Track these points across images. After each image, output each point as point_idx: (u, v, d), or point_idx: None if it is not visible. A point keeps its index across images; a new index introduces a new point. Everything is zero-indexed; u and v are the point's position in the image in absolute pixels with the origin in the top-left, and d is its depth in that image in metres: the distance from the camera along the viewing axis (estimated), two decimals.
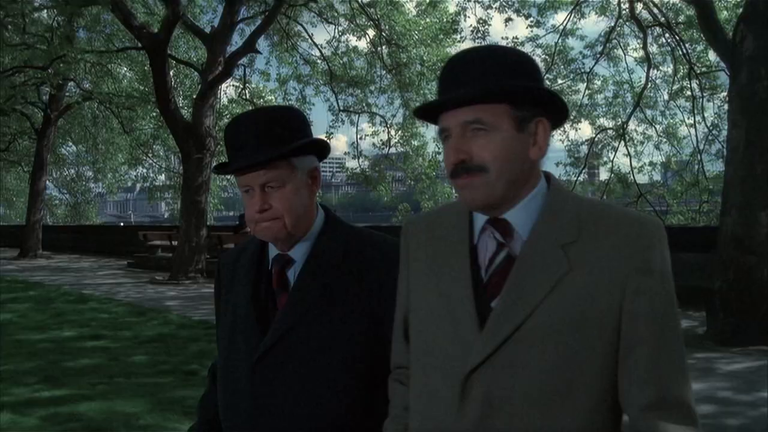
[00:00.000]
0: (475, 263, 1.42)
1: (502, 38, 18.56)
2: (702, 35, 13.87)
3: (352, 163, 23.88)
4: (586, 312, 1.30)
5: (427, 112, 1.45)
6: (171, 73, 19.23)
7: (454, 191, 1.49)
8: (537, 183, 1.42)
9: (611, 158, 18.98)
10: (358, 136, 22.25)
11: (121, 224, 40.01)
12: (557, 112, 1.43)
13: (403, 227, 1.65)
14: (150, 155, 31.23)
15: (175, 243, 21.10)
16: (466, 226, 1.47)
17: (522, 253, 1.37)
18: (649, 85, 18.33)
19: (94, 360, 7.96)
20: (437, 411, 1.39)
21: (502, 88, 1.34)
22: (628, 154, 18.65)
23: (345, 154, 23.57)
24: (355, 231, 1.87)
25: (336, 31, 20.51)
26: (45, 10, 24.11)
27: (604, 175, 21.29)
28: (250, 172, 1.71)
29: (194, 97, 22.70)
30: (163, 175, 34.37)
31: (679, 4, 16.45)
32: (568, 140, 20.32)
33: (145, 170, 33.87)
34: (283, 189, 1.74)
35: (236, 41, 19.72)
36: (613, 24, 17.89)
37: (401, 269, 1.61)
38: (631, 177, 18.44)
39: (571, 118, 20.03)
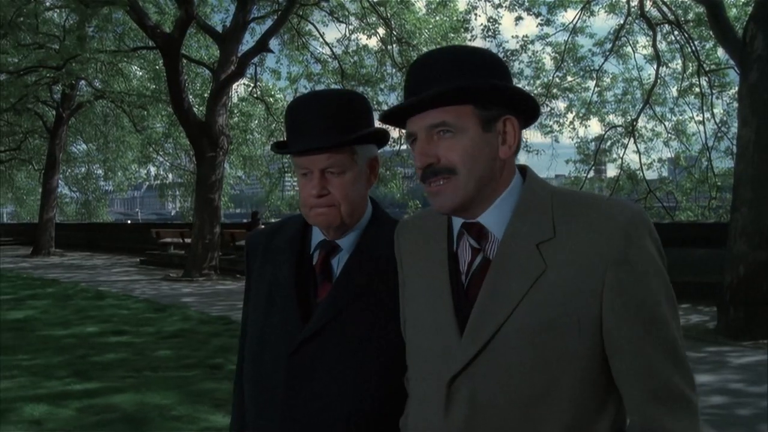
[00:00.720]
0: (456, 269, 1.41)
1: (513, 36, 18.72)
2: (711, 33, 13.96)
3: None
4: (565, 311, 1.27)
5: (395, 118, 1.44)
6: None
7: None
8: (510, 181, 1.40)
9: (621, 155, 19.12)
10: None
11: (128, 222, 40.20)
12: (527, 109, 1.41)
13: (396, 231, 1.65)
14: (161, 153, 31.44)
15: (187, 240, 21.36)
16: (444, 233, 1.47)
17: (496, 255, 1.36)
18: (658, 82, 18.42)
19: (120, 355, 8.16)
20: (427, 415, 1.40)
21: (461, 88, 1.32)
22: (638, 151, 18.80)
23: None
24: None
25: (346, 29, 20.69)
26: (54, 10, 24.40)
27: (612, 171, 21.47)
28: (313, 154, 1.67)
29: (205, 95, 22.98)
30: (171, 173, 34.59)
31: (689, 2, 16.54)
32: (578, 137, 20.50)
33: (155, 168, 34.13)
34: (343, 176, 1.71)
35: (247, 40, 19.93)
36: (622, 22, 18.00)
37: (399, 272, 1.61)
38: (641, 174, 18.57)
39: (581, 115, 20.19)
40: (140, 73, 27.75)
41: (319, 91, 1.79)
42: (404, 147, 22.84)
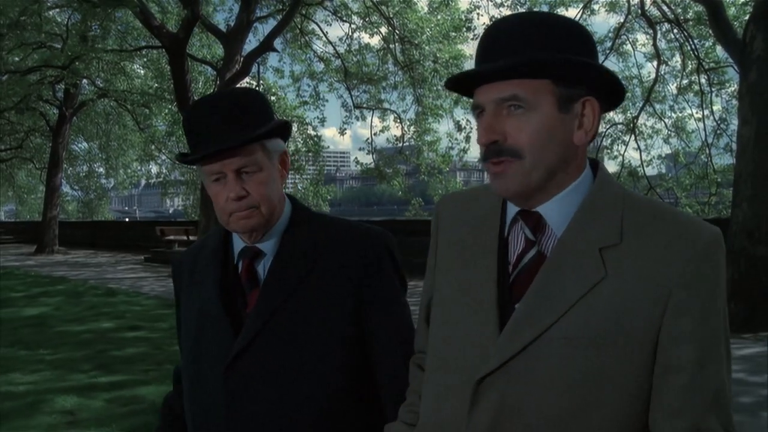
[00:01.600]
0: (504, 259, 1.30)
1: None
2: (711, 32, 14.19)
3: (366, 159, 24.24)
4: (619, 325, 1.17)
5: (461, 84, 1.31)
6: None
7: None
8: (580, 173, 1.28)
9: (622, 152, 19.36)
10: (372, 132, 22.58)
11: (127, 219, 40.37)
12: (611, 92, 1.28)
13: (436, 205, 1.54)
14: (165, 151, 31.63)
15: (192, 238, 21.57)
16: (497, 216, 1.35)
17: (553, 252, 1.24)
18: (658, 80, 18.66)
19: (139, 349, 8.39)
20: (447, 412, 1.30)
21: (541, 60, 1.18)
22: (638, 148, 19.05)
23: (360, 149, 23.85)
24: (325, 220, 1.79)
25: (349, 28, 20.90)
26: (58, 9, 24.58)
27: (611, 168, 21.64)
28: (223, 158, 1.59)
29: (207, 92, 23.19)
30: (174, 171, 34.78)
31: (688, 1, 16.77)
32: None
33: (157, 166, 34.33)
34: (259, 174, 1.64)
35: (249, 39, 20.13)
36: (622, 20, 18.24)
37: (430, 249, 1.50)
38: (641, 170, 18.84)
39: None
40: (142, 72, 27.96)
41: (216, 93, 1.73)
42: (406, 144, 23.11)
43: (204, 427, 1.66)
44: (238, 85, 19.75)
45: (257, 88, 23.43)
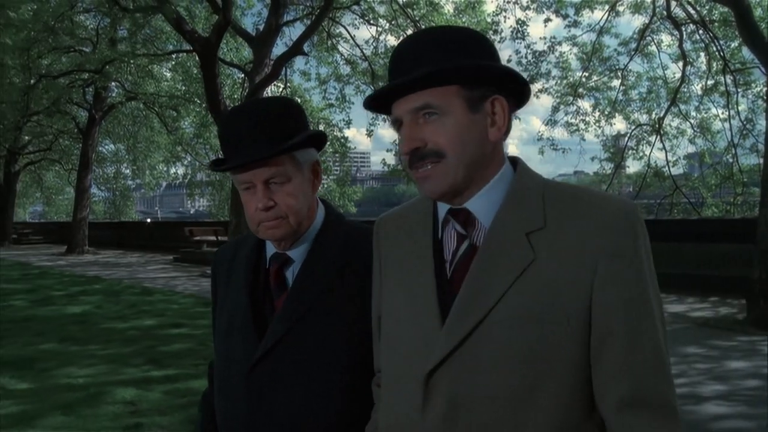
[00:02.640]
0: (441, 258, 1.37)
1: (541, 38, 19.09)
2: (737, 33, 14.30)
3: (391, 159, 24.46)
4: (553, 304, 1.22)
5: (380, 104, 1.39)
6: None
7: None
8: (500, 167, 1.36)
9: (648, 153, 19.51)
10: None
11: (148, 220, 40.83)
12: (516, 89, 1.36)
13: (375, 226, 1.60)
14: (192, 153, 32.09)
15: (221, 238, 21.95)
16: (430, 220, 1.42)
17: (483, 243, 1.31)
18: (684, 81, 18.78)
19: (185, 345, 8.69)
20: (402, 409, 1.35)
21: (442, 67, 1.27)
22: (663, 148, 19.17)
23: (387, 150, 24.09)
24: (356, 228, 1.79)
25: (376, 31, 21.16)
26: (88, 13, 25.08)
27: (633, 168, 21.80)
28: (254, 168, 1.63)
29: (235, 96, 23.56)
30: (200, 172, 35.24)
31: (714, 2, 16.87)
32: (603, 135, 20.90)
33: (183, 168, 34.85)
34: (287, 185, 1.68)
35: (276, 42, 20.42)
36: (647, 22, 18.36)
37: (374, 270, 1.56)
38: (667, 171, 18.96)
39: (606, 113, 20.56)
40: (169, 75, 28.40)
41: (251, 102, 1.73)
42: None
43: (229, 425, 1.73)
44: (267, 89, 20.13)
45: (288, 94, 23.83)
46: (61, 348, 8.54)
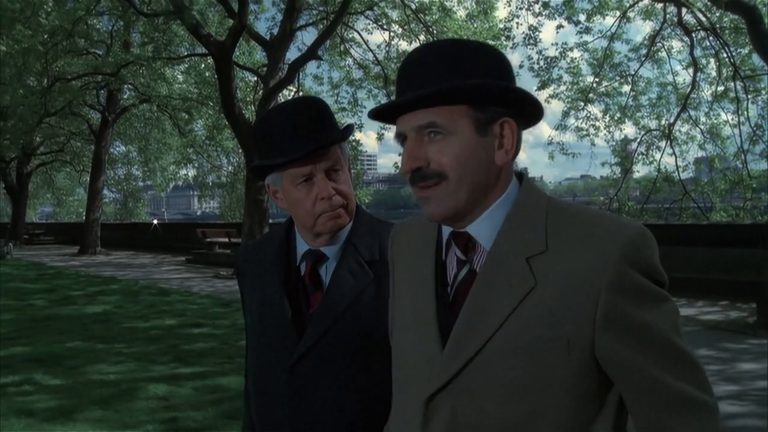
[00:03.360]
0: (444, 279, 1.34)
1: (552, 44, 19.26)
2: (747, 39, 14.47)
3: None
4: (555, 331, 1.18)
5: (385, 115, 1.35)
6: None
7: None
8: (505, 189, 1.30)
9: (658, 158, 19.64)
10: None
11: (155, 221, 41.16)
12: (527, 111, 1.30)
13: (391, 234, 1.57)
14: (204, 155, 32.36)
15: (234, 240, 22.19)
16: (434, 241, 1.39)
17: (483, 268, 1.26)
18: (695, 87, 18.94)
19: (208, 344, 8.92)
20: (404, 429, 1.34)
21: (453, 88, 1.22)
22: (674, 154, 19.32)
23: (399, 155, 24.23)
24: (386, 226, 1.78)
25: (389, 36, 21.40)
26: (102, 16, 25.42)
27: (642, 172, 21.87)
28: (316, 159, 1.67)
29: (248, 99, 23.82)
30: (211, 175, 35.52)
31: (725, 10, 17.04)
32: (613, 140, 21.06)
33: (195, 169, 35.13)
34: (343, 173, 1.71)
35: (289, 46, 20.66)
36: (658, 28, 18.54)
37: (389, 278, 1.54)
38: (677, 175, 19.12)
39: (616, 118, 20.74)
40: (181, 78, 28.67)
41: (292, 101, 1.77)
42: None
43: (269, 423, 1.73)
44: (281, 93, 20.37)
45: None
46: (88, 346, 8.78)
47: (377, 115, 1.34)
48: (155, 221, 36.84)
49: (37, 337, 9.40)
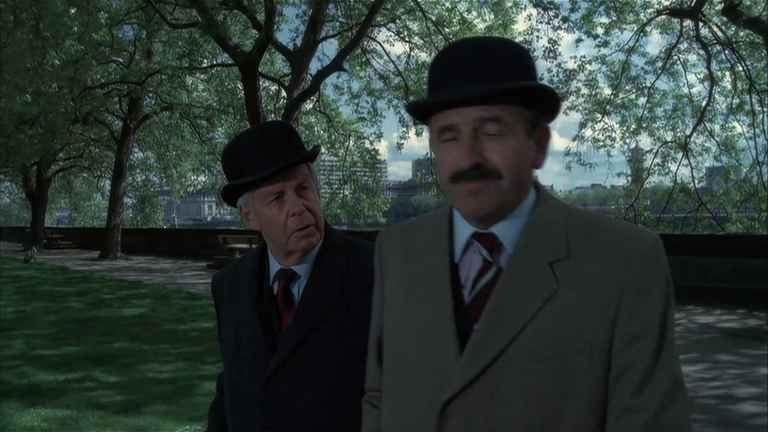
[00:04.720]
0: (457, 282, 1.31)
1: (571, 57, 19.69)
2: (764, 53, 14.82)
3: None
4: (576, 335, 1.19)
5: (423, 110, 1.30)
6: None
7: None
8: (529, 193, 1.31)
9: (675, 170, 20.02)
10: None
11: (166, 227, 41.65)
12: (550, 118, 1.31)
13: (377, 241, 1.53)
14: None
15: (254, 246, 22.55)
16: (446, 243, 1.35)
17: (506, 271, 1.25)
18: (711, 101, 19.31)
19: None
20: None
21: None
22: (689, 165, 19.68)
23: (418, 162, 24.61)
24: (354, 243, 1.84)
25: (409, 47, 21.86)
26: (123, 25, 25.94)
27: (655, 182, 22.19)
28: (285, 177, 1.73)
29: (269, 107, 24.29)
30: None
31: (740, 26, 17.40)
32: (629, 151, 21.47)
33: (213, 176, 35.59)
34: (312, 192, 1.76)
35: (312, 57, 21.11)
36: (674, 42, 18.93)
37: (375, 287, 1.50)
38: (692, 186, 19.47)
39: (632, 130, 21.13)
40: (202, 86, 29.16)
41: (258, 126, 1.83)
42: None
43: None
44: (305, 103, 20.80)
45: (320, 107, 24.54)
46: (135, 347, 9.20)
47: (418, 109, 1.31)
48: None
49: (83, 338, 9.81)
